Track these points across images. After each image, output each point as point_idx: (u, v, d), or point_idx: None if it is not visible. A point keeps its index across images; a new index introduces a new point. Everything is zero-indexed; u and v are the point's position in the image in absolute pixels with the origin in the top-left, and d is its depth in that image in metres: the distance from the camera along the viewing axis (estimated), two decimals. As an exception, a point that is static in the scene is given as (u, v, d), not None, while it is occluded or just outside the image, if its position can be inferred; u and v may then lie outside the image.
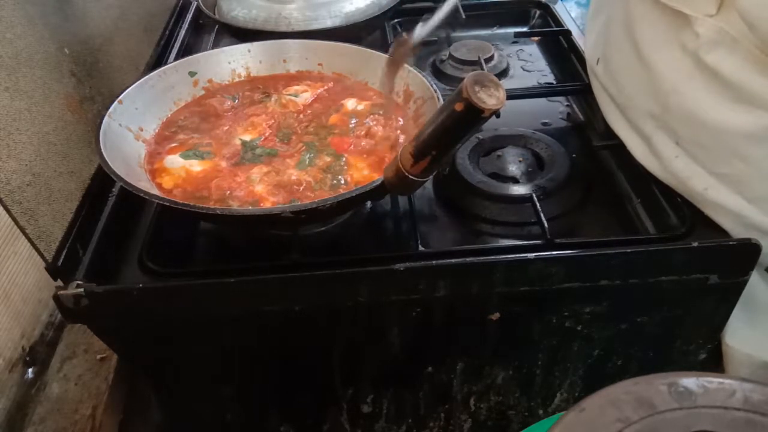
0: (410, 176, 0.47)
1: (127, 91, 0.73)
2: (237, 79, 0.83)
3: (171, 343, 0.71)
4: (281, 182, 0.65)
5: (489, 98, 0.41)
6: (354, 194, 0.58)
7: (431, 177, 0.49)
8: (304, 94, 0.79)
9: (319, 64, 0.83)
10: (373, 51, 0.79)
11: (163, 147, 0.72)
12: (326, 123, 0.75)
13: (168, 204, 0.60)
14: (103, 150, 0.63)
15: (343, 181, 0.66)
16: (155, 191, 0.66)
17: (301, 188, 0.65)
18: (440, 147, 0.46)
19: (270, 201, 0.63)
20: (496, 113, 0.41)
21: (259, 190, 0.65)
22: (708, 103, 0.59)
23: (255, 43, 0.84)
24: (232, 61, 0.83)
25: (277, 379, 0.77)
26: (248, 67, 0.83)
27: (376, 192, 0.58)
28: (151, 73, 0.77)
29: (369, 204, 0.74)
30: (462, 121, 0.43)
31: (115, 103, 0.70)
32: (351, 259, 0.64)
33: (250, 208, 0.62)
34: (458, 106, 0.41)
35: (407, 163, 0.46)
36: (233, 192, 0.65)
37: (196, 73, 0.81)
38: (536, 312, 0.70)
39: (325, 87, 0.81)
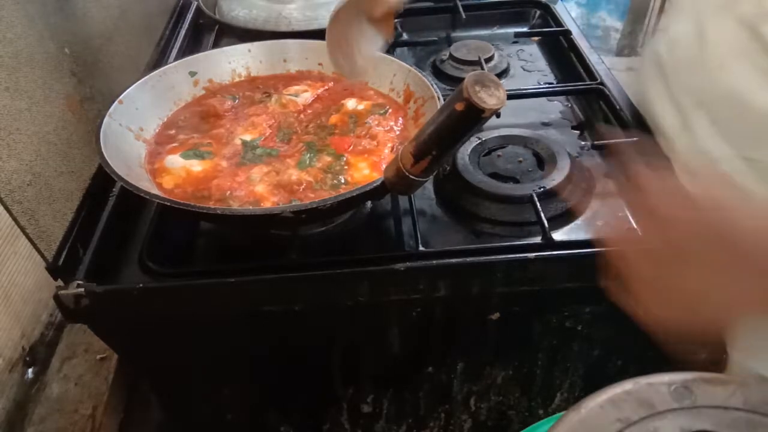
0: (411, 176, 0.47)
1: (127, 91, 0.73)
2: (237, 79, 0.83)
3: (171, 344, 0.71)
4: (281, 182, 0.65)
5: (490, 98, 0.41)
6: (354, 194, 0.58)
7: (431, 177, 0.49)
8: (304, 94, 0.79)
9: (320, 64, 0.83)
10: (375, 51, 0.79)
11: (164, 147, 0.72)
12: (326, 123, 0.75)
13: (168, 204, 0.60)
14: (103, 150, 0.63)
15: (343, 181, 0.66)
16: (156, 191, 0.65)
17: (302, 188, 0.65)
18: (441, 147, 0.46)
19: (270, 201, 0.63)
20: (497, 113, 0.41)
21: (260, 190, 0.65)
22: (754, 84, 0.57)
23: (255, 43, 0.84)
24: (233, 61, 0.83)
25: (277, 379, 0.77)
26: (248, 67, 0.83)
27: (376, 192, 0.58)
28: (152, 73, 0.77)
29: (369, 204, 0.74)
30: (463, 120, 0.43)
31: (116, 103, 0.70)
32: (351, 259, 0.64)
33: (250, 207, 0.62)
34: (459, 106, 0.41)
35: (408, 163, 0.46)
36: (233, 192, 0.64)
37: (196, 73, 0.81)
38: (536, 312, 0.70)
39: (326, 87, 0.81)
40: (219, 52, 0.83)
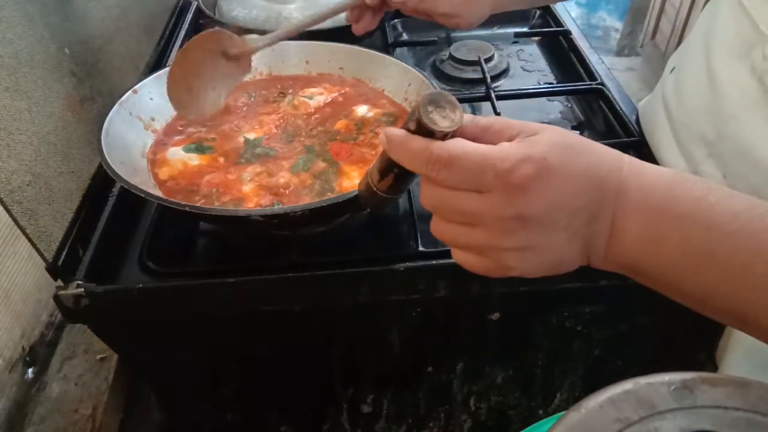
0: (379, 192, 0.46)
1: (144, 81, 0.74)
2: (258, 77, 0.83)
3: (171, 344, 0.71)
4: (269, 184, 0.65)
5: (442, 120, 0.39)
6: (324, 204, 0.57)
7: (402, 195, 0.48)
8: (318, 97, 0.79)
9: (340, 68, 0.82)
10: (394, 59, 0.78)
11: (171, 138, 0.73)
12: (332, 128, 0.74)
13: (158, 201, 0.60)
14: (104, 137, 0.63)
15: (330, 188, 0.65)
16: (150, 182, 0.66)
17: (288, 191, 0.64)
18: (401, 165, 0.45)
19: (254, 201, 0.63)
20: (452, 134, 0.40)
21: (246, 190, 0.64)
22: (766, 138, 0.53)
23: (279, 42, 0.83)
24: (255, 59, 0.82)
25: (277, 379, 0.77)
26: (270, 66, 0.83)
27: (349, 204, 0.57)
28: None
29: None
30: None
31: (129, 92, 0.72)
32: (351, 259, 0.64)
33: (224, 207, 0.62)
34: (411, 125, 0.40)
35: (375, 179, 0.45)
36: (220, 189, 0.64)
37: None
38: (536, 312, 0.70)
39: (342, 91, 0.80)
40: None
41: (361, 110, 0.76)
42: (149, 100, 0.74)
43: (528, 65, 0.99)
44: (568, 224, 0.38)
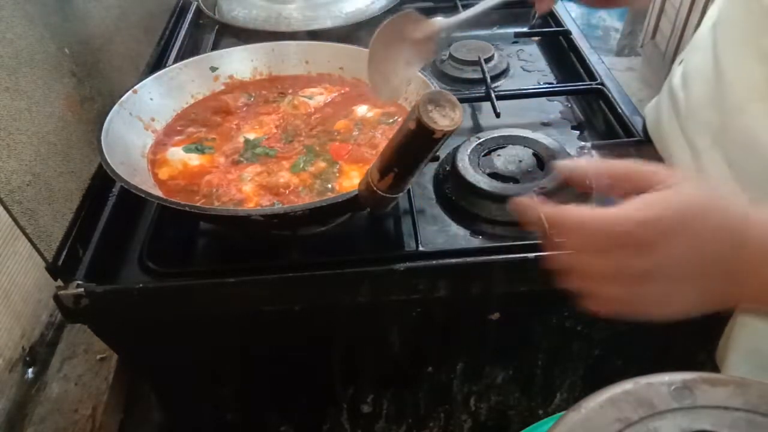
0: (379, 192, 0.46)
1: (144, 81, 0.74)
2: (258, 77, 0.83)
3: (171, 343, 0.71)
4: (270, 183, 0.65)
5: (442, 119, 0.39)
6: (324, 204, 0.57)
7: (401, 194, 0.48)
8: (318, 97, 0.79)
9: (340, 68, 0.82)
10: None
11: (171, 138, 0.73)
12: (331, 128, 0.74)
13: (158, 201, 0.60)
14: (104, 139, 0.63)
15: (330, 188, 0.65)
16: (151, 182, 0.66)
17: (288, 191, 0.65)
18: (400, 164, 0.45)
19: (254, 201, 0.63)
20: (451, 133, 0.40)
21: (247, 190, 0.64)
22: None
23: (279, 43, 0.84)
24: (255, 59, 0.83)
25: (277, 379, 0.77)
26: (270, 66, 0.83)
27: (349, 204, 0.57)
28: (172, 66, 0.78)
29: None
30: (415, 139, 0.42)
31: (129, 92, 0.72)
32: (351, 259, 0.64)
33: (224, 207, 0.62)
34: (411, 124, 0.40)
35: (375, 179, 0.45)
36: (220, 189, 0.65)
37: (217, 69, 0.81)
38: (536, 312, 0.70)
39: (342, 91, 0.80)
40: (242, 50, 0.84)
41: (361, 110, 0.76)
42: (149, 100, 0.74)
43: (528, 65, 0.99)
44: (683, 277, 0.40)
